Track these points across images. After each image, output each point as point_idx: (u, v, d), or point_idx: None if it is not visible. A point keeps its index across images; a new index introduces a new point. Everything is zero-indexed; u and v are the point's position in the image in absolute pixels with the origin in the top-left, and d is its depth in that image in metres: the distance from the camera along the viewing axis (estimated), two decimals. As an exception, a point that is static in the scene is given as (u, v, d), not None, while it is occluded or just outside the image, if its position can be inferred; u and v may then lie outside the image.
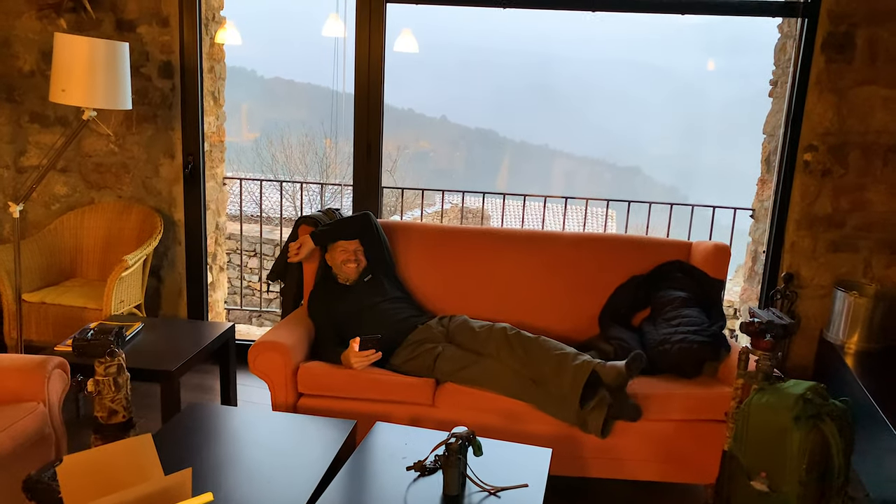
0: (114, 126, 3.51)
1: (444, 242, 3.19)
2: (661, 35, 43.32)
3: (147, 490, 1.54)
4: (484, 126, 38.56)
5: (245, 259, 7.00)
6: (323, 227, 3.00)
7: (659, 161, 35.40)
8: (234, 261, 7.28)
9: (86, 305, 3.15)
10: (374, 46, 3.39)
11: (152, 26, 3.42)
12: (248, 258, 7.48)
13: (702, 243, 3.16)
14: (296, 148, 20.55)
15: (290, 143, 20.76)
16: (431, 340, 2.74)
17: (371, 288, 2.94)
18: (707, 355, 2.73)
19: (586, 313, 3.07)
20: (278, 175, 20.10)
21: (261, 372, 2.61)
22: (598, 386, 2.44)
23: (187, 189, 3.58)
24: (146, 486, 1.55)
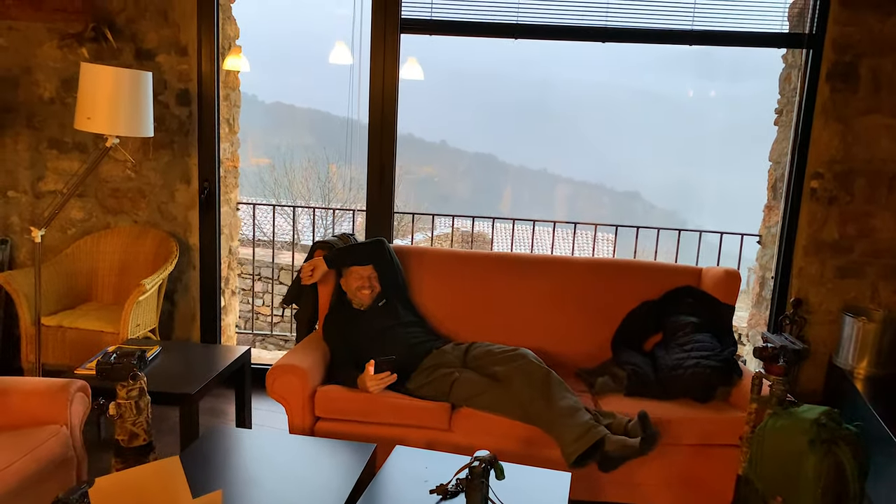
0: (131, 152, 3.57)
1: (457, 267, 3.23)
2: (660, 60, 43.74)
3: (179, 512, 1.57)
4: (483, 151, 38.80)
5: (253, 283, 7.03)
6: (337, 251, 3.04)
7: (658, 186, 35.58)
8: (241, 285, 7.31)
9: (103, 329, 3.18)
10: (389, 75, 3.47)
11: (171, 55, 3.49)
12: (256, 282, 7.51)
13: (712, 269, 3.20)
14: (299, 173, 20.68)
15: (293, 168, 20.89)
16: (447, 365, 2.77)
17: (385, 312, 2.98)
18: (720, 380, 2.76)
19: (598, 338, 3.11)
20: (281, 200, 20.20)
21: (278, 395, 2.64)
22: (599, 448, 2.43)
23: (203, 214, 3.62)
24: (178, 509, 1.57)
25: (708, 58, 40.22)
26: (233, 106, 3.96)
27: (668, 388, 2.78)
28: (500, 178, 37.14)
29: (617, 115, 42.26)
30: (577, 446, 2.40)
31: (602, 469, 2.43)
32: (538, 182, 37.26)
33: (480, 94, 43.31)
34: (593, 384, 2.90)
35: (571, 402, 2.52)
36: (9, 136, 3.60)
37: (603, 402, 2.76)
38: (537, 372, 2.60)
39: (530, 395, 2.54)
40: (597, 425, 2.46)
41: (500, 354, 2.75)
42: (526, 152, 38.97)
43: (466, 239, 13.05)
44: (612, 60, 43.84)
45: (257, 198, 20.98)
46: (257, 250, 7.75)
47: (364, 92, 3.57)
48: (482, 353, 2.81)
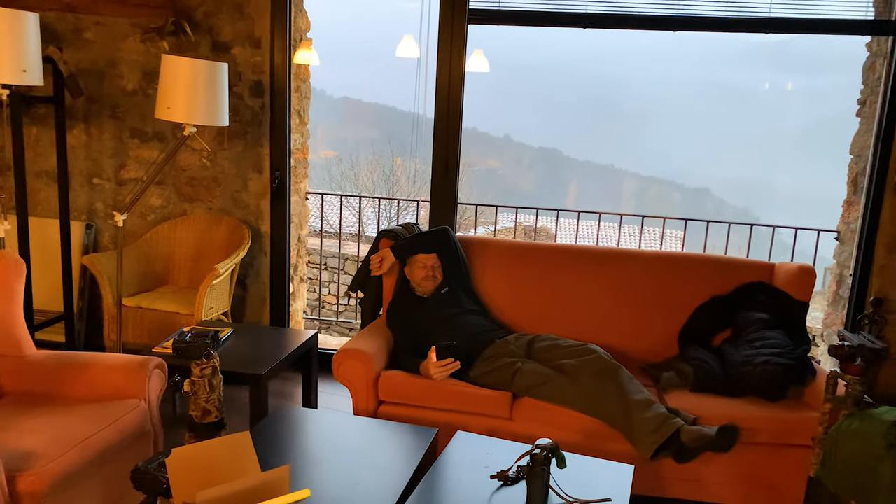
0: (207, 142, 3.70)
1: (520, 258, 3.23)
2: (733, 54, 42.43)
3: (248, 484, 1.63)
4: (547, 145, 38.48)
5: (321, 272, 7.19)
6: (403, 241, 3.08)
7: (729, 182, 34.53)
8: (308, 274, 7.49)
9: (178, 311, 3.32)
10: (455, 67, 3.48)
11: (245, 48, 3.60)
12: (322, 271, 7.68)
13: (785, 264, 3.09)
14: (364, 166, 21.02)
15: (359, 161, 21.26)
16: (510, 355, 2.77)
17: (448, 300, 3.00)
18: (791, 379, 2.67)
19: (664, 333, 3.05)
20: (346, 192, 20.58)
21: (344, 379, 2.70)
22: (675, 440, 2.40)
23: (274, 203, 3.73)
24: (247, 480, 1.63)
25: (785, 49, 38.74)
26: (303, 98, 4.06)
27: (737, 386, 2.71)
28: (565, 173, 36.78)
29: (688, 110, 41.20)
30: (656, 437, 2.38)
31: (678, 460, 2.39)
32: (605, 177, 36.74)
33: (546, 88, 42.94)
34: (658, 379, 2.85)
35: (646, 396, 2.50)
36: (94, 125, 3.79)
37: (668, 398, 2.71)
38: (608, 366, 2.58)
39: (600, 388, 2.52)
40: (672, 416, 2.43)
41: (568, 348, 2.73)
42: (592, 147, 38.47)
43: (529, 233, 12.98)
44: (685, 54, 42.75)
45: (325, 189, 21.48)
46: (323, 240, 7.92)
47: (430, 86, 3.60)
48: (548, 346, 2.80)
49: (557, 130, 39.99)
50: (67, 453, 2.03)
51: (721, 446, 2.31)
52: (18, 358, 2.43)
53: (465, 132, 3.65)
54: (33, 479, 1.91)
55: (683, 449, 2.36)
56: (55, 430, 2.10)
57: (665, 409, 2.46)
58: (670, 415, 2.43)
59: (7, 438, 2.04)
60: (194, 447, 1.83)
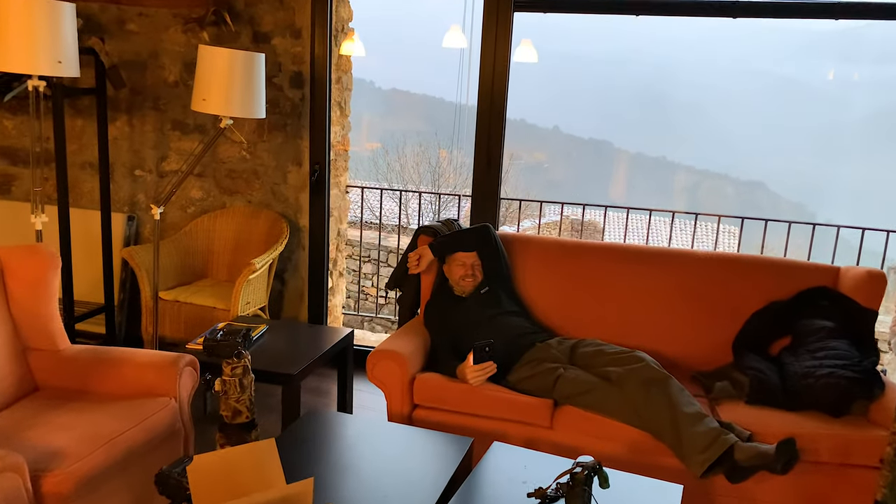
0: (246, 134, 3.66)
1: (564, 257, 3.08)
2: (792, 42, 40.98)
3: (271, 497, 1.55)
4: (597, 137, 37.84)
5: (361, 265, 7.16)
6: (442, 238, 2.97)
7: (785, 176, 33.39)
8: (350, 266, 7.48)
9: (215, 305, 3.28)
10: (500, 56, 3.35)
11: (285, 38, 3.54)
12: (364, 263, 7.66)
13: (852, 269, 2.88)
14: (410, 158, 20.98)
15: (405, 153, 21.23)
16: (552, 360, 2.64)
17: (487, 300, 2.88)
18: (858, 393, 2.47)
19: (718, 339, 2.87)
20: (392, 184, 20.59)
21: (378, 380, 2.61)
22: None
23: (313, 196, 3.67)
24: (270, 493, 1.55)
25: (851, 39, 37.18)
26: (344, 89, 3.98)
27: (797, 398, 2.52)
28: (616, 165, 36.13)
29: (744, 102, 39.99)
30: (708, 455, 2.22)
31: (732, 480, 2.23)
32: (656, 170, 35.96)
33: (597, 78, 42.22)
34: (710, 388, 2.68)
35: (697, 409, 2.34)
36: (136, 117, 3.79)
37: (721, 410, 2.54)
38: (657, 376, 2.42)
39: (648, 398, 2.37)
40: (725, 432, 2.27)
41: (614, 355, 2.59)
42: (644, 139, 37.69)
43: (576, 227, 12.73)
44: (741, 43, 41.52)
45: (370, 181, 21.57)
46: (365, 233, 7.89)
47: (474, 76, 3.47)
48: (593, 351, 2.66)
49: (608, 122, 39.31)
50: (94, 453, 1.99)
51: (779, 467, 2.14)
52: (53, 353, 2.42)
53: (513, 124, 3.52)
54: (59, 480, 1.87)
55: (737, 468, 2.20)
56: (83, 428, 2.07)
57: (717, 424, 2.30)
58: (723, 430, 2.27)
59: (36, 436, 2.02)
60: (217, 454, 1.76)
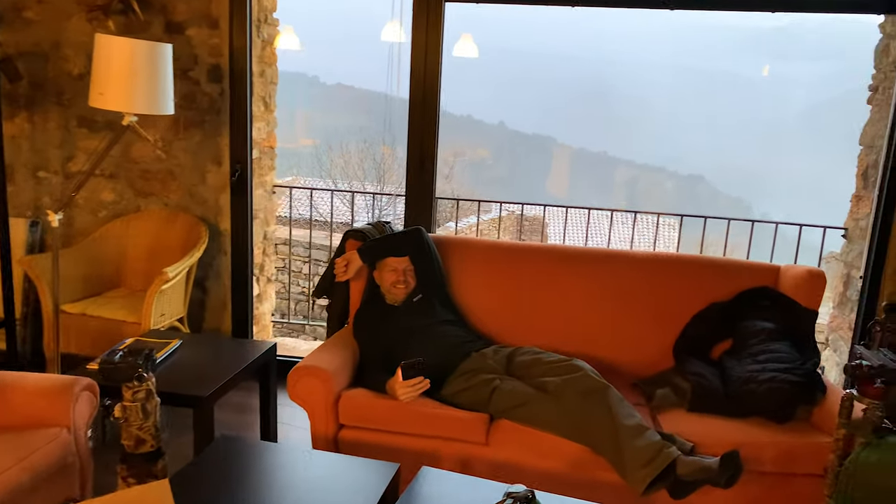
0: (161, 131, 3.40)
1: (503, 260, 2.94)
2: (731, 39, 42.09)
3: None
4: (542, 132, 38.13)
5: (300, 265, 6.90)
6: (371, 243, 2.79)
7: (724, 170, 34.26)
8: (291, 267, 7.22)
9: (125, 319, 3.02)
10: (431, 49, 3.17)
11: (201, 28, 3.28)
12: (303, 264, 7.40)
13: (792, 268, 2.81)
14: (354, 154, 20.64)
15: (349, 149, 20.88)
16: (488, 371, 2.49)
17: (421, 309, 2.71)
18: (801, 397, 2.40)
19: (659, 343, 2.77)
20: (337, 181, 20.21)
21: (300, 399, 2.41)
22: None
23: (234, 197, 3.43)
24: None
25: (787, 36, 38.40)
26: (269, 83, 3.74)
27: (739, 405, 2.43)
28: (559, 160, 36.46)
29: (684, 97, 40.90)
30: (650, 470, 2.10)
31: (674, 496, 2.11)
32: (598, 164, 36.46)
33: (540, 74, 42.57)
34: (652, 396, 2.58)
35: (637, 421, 2.21)
36: (38, 113, 3.47)
37: (662, 419, 2.43)
38: (595, 386, 2.29)
39: (586, 410, 2.23)
40: (667, 445, 2.15)
41: (551, 364, 2.44)
42: (586, 134, 38.16)
43: (533, 223, 12.69)
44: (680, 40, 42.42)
45: (314, 178, 21.15)
46: (299, 232, 7.63)
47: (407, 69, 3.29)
48: (530, 360, 2.51)
49: (552, 117, 39.66)
50: (-37, 500, 1.74)
51: (723, 481, 2.04)
52: (-73, 379, 2.13)
53: (460, 120, 3.39)
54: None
55: (680, 483, 2.08)
56: (-47, 470, 1.81)
57: (659, 436, 2.18)
58: (665, 443, 2.15)
59: None
60: (103, 500, 1.54)
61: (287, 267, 6.56)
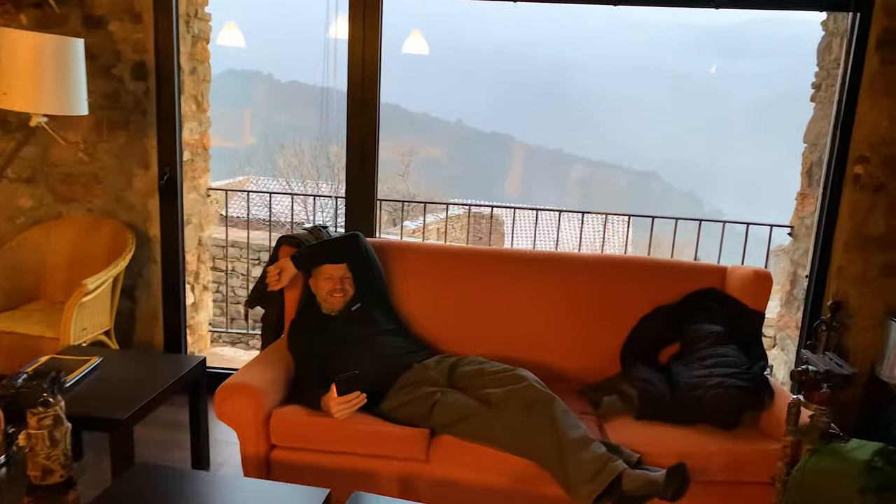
0: (83, 133, 3.19)
1: (446, 266, 2.83)
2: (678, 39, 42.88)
3: None
4: (500, 130, 38.23)
5: (252, 268, 6.68)
6: (306, 249, 2.64)
7: (677, 166, 34.85)
8: (239, 270, 7.00)
9: (43, 334, 2.81)
10: (370, 44, 3.04)
11: (124, 23, 3.09)
12: (254, 267, 7.17)
13: (738, 269, 2.77)
14: (307, 153, 20.28)
15: (302, 147, 20.51)
16: (429, 383, 2.37)
17: (359, 318, 2.58)
18: (748, 403, 2.35)
19: (606, 348, 2.70)
20: (290, 180, 19.84)
21: (228, 419, 2.26)
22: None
23: (164, 202, 3.24)
24: None
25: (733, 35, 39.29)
26: (201, 81, 3.56)
27: (687, 411, 2.37)
28: (517, 158, 36.61)
29: (636, 94, 41.49)
30: (595, 485, 2.01)
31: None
32: (554, 162, 36.73)
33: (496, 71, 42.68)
34: (599, 403, 2.50)
35: (582, 433, 2.13)
36: (-54, 114, 3.23)
37: (609, 427, 2.35)
38: (539, 397, 2.19)
39: (530, 423, 2.14)
40: (613, 458, 2.07)
41: (495, 374, 2.34)
42: (543, 131, 38.40)
43: (479, 220, 12.63)
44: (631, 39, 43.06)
45: (267, 179, 20.74)
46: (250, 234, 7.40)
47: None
48: (472, 371, 2.40)
49: (509, 115, 39.78)
50: None
51: (669, 494, 1.96)
52: None
53: (417, 117, 3.25)
54: None
55: (626, 498, 2.00)
56: None
57: (605, 449, 2.10)
58: (611, 456, 2.07)
59: None
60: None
61: (225, 271, 6.33)
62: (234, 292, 7.04)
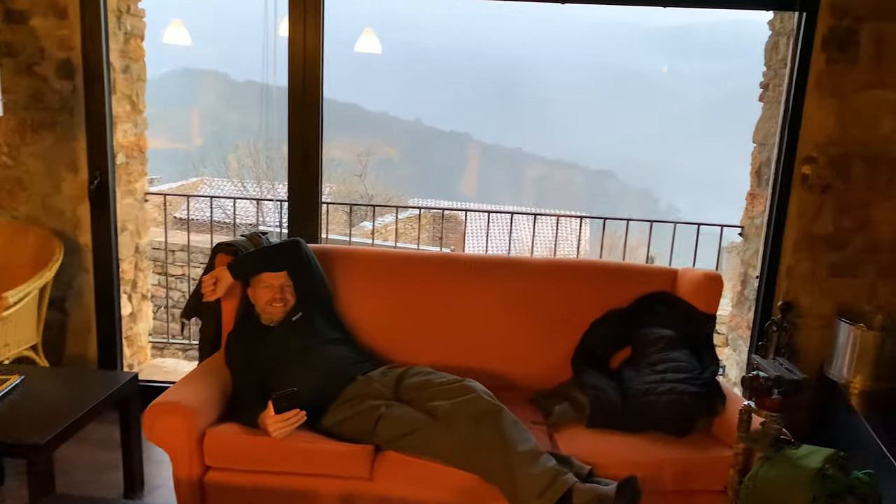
0: (5, 135, 3.00)
1: (394, 272, 2.73)
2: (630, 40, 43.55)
3: None
4: (459, 129, 38.25)
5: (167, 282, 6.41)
6: (243, 257, 2.51)
7: (631, 164, 35.35)
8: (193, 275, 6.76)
9: (-40, 352, 2.63)
10: (311, 41, 2.92)
11: (48, 18, 2.90)
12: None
13: (689, 271, 2.74)
14: (262, 153, 19.92)
15: (256, 148, 20.14)
16: (374, 396, 2.27)
17: (301, 328, 2.46)
18: (700, 409, 2.31)
19: (558, 354, 2.64)
20: (245, 181, 19.45)
21: (159, 440, 2.13)
22: None
23: (95, 208, 3.06)
24: None
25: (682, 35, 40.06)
26: (136, 80, 3.39)
27: (639, 419, 2.32)
28: (474, 157, 36.68)
29: (591, 94, 41.99)
30: (544, 501, 1.93)
31: None
32: (512, 160, 36.91)
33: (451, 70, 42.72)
34: (550, 412, 2.43)
35: (532, 445, 2.05)
36: None
37: (560, 437, 2.29)
38: (488, 409, 2.11)
39: (477, 436, 2.05)
40: (563, 471, 1.99)
41: (442, 386, 2.24)
42: (501, 130, 38.56)
43: (438, 220, 12.57)
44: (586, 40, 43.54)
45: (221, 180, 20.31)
46: (198, 238, 7.18)
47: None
48: (419, 382, 2.30)
49: (467, 114, 39.84)
50: None
51: None
52: None
53: (374, 116, 3.13)
54: None
55: None
56: None
57: (555, 461, 2.03)
58: (561, 469, 2.00)
59: None
60: None
61: (165, 274, 6.10)
62: (186, 298, 6.81)
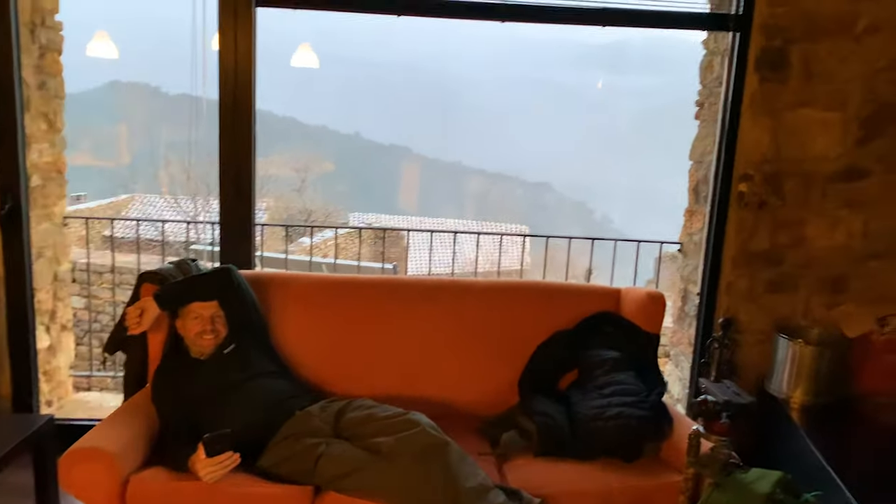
0: None
1: (332, 299, 2.62)
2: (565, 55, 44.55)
3: None
4: (398, 142, 38.22)
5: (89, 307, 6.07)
6: (170, 287, 2.36)
7: (568, 177, 36.02)
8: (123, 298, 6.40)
9: None
10: (242, 57, 2.79)
11: (-49, 30, 2.69)
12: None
13: (632, 290, 2.73)
14: (196, 168, 19.39)
15: (190, 163, 19.58)
16: (314, 433, 2.14)
17: (234, 361, 2.32)
18: (648, 433, 2.27)
19: (503, 379, 2.57)
20: (178, 198, 18.87)
21: (77, 491, 1.95)
22: None
23: (6, 235, 2.84)
24: None
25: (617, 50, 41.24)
26: (53, 97, 3.19)
27: (587, 445, 2.27)
28: (414, 170, 36.68)
29: (526, 108, 42.73)
30: None
31: None
32: (452, 174, 37.08)
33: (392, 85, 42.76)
34: (497, 441, 2.36)
35: (480, 480, 1.97)
36: None
37: (509, 468, 2.21)
38: (433, 443, 2.01)
39: (423, 473, 1.95)
40: None
41: (385, 420, 2.13)
42: (440, 144, 38.71)
43: (380, 233, 12.47)
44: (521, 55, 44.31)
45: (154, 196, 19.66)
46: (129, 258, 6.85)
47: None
48: (360, 417, 2.19)
49: (407, 128, 39.86)
50: None
51: None
52: None
53: (313, 130, 2.99)
54: None
55: None
56: None
57: (504, 497, 1.95)
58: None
59: None
60: None
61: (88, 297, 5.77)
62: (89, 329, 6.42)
